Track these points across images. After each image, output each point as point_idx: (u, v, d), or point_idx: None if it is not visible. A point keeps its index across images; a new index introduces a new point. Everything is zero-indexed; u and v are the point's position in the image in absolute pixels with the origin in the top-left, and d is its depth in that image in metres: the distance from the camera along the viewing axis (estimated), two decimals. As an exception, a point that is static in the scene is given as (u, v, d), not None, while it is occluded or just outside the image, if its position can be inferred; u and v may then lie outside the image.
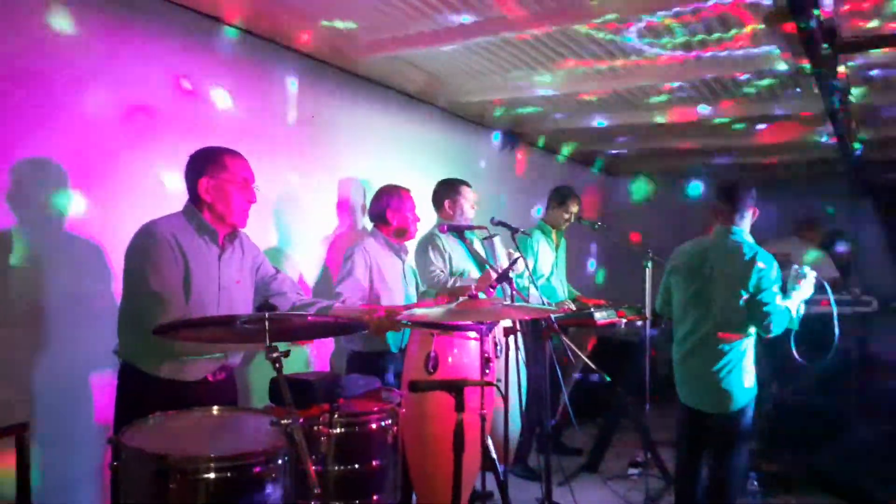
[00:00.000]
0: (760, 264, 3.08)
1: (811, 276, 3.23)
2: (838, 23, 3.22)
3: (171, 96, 3.11)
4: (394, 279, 3.52)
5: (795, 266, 3.25)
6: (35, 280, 2.63)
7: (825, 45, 3.17)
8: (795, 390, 4.58)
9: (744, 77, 4.27)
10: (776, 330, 3.10)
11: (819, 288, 3.28)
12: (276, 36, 3.51)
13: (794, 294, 3.19)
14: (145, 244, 2.29)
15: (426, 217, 4.06)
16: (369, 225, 3.73)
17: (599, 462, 4.72)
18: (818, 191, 7.36)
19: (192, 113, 3.19)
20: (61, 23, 2.67)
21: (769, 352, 4.05)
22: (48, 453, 2.55)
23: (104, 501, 2.76)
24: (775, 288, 3.10)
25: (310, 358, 3.93)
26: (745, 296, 3.09)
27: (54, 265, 2.68)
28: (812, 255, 5.44)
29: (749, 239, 3.22)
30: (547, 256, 4.71)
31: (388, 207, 3.56)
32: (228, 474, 1.83)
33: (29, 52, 2.58)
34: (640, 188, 8.42)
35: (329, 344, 3.99)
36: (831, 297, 3.36)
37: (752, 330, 3.19)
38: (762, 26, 3.35)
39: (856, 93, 4.39)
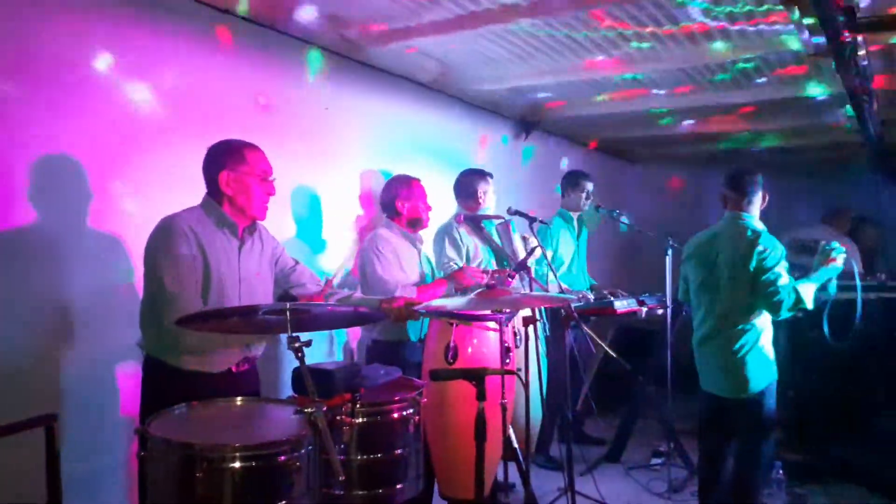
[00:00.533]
0: (761, 246, 3.12)
1: (840, 252, 3.21)
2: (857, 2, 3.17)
3: (186, 93, 3.12)
4: (411, 268, 3.53)
5: (823, 242, 3.23)
6: (59, 275, 2.65)
7: (844, 24, 3.12)
8: (820, 378, 4.52)
9: (760, 58, 4.21)
10: (783, 311, 3.10)
11: (847, 269, 3.25)
12: (289, 27, 3.51)
13: (819, 273, 3.18)
14: (163, 239, 2.31)
15: (443, 206, 4.06)
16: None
17: (622, 452, 4.70)
18: (841, 175, 7.25)
19: (211, 106, 3.20)
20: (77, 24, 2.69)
21: (792, 338, 4.02)
22: (76, 444, 2.58)
23: (131, 490, 2.80)
24: (781, 269, 3.09)
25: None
26: (745, 280, 3.13)
27: (77, 260, 2.71)
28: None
29: (758, 225, 3.25)
30: (568, 245, 4.69)
31: (397, 197, 3.58)
32: (254, 463, 1.85)
33: (49, 48, 2.60)
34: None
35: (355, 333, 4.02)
36: (858, 279, 3.35)
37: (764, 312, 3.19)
38: (780, 7, 3.30)
39: (876, 74, 4.32)
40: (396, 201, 3.57)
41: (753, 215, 3.29)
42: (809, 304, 3.11)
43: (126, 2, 2.86)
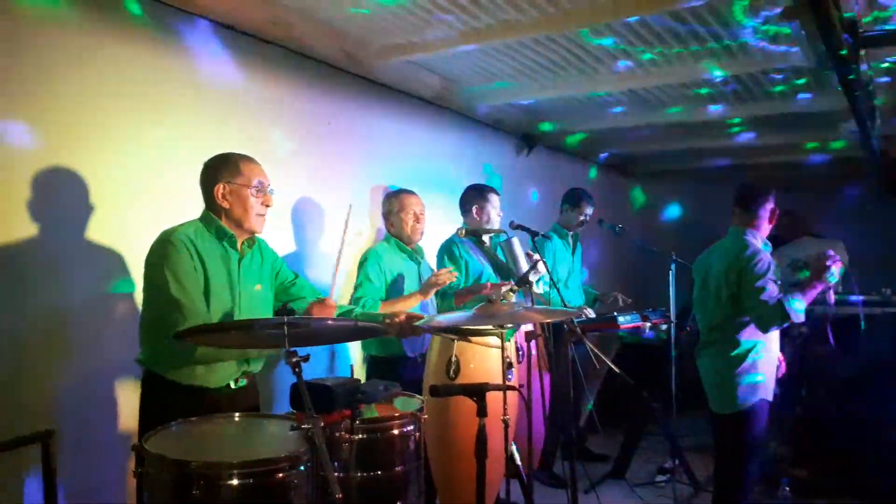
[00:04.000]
0: (747, 260, 3.10)
1: (832, 263, 3.14)
2: (860, 17, 3.17)
3: (191, 102, 3.13)
4: (408, 283, 3.52)
5: (819, 253, 3.19)
6: (58, 289, 2.65)
7: (846, 40, 3.11)
8: (826, 394, 4.48)
9: (763, 73, 4.21)
10: (769, 325, 3.07)
11: (844, 278, 3.22)
12: (290, 42, 3.52)
13: (812, 284, 3.11)
14: (165, 251, 2.29)
15: (445, 221, 4.06)
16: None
17: (626, 468, 4.65)
18: (843, 189, 7.24)
19: (211, 121, 3.21)
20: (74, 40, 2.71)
21: (798, 354, 3.98)
22: (74, 460, 2.56)
23: (129, 508, 2.78)
24: (767, 282, 3.05)
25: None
26: (729, 294, 3.14)
27: (77, 274, 2.71)
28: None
29: (755, 241, 3.22)
30: (564, 260, 4.67)
31: (389, 212, 3.59)
32: (251, 480, 1.82)
33: (52, 64, 2.62)
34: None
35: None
36: (856, 290, 3.33)
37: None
38: (783, 22, 3.31)
39: (878, 89, 4.32)
40: (391, 216, 3.59)
41: (758, 231, 3.27)
42: (797, 318, 3.03)
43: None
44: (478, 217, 3.91)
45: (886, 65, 3.99)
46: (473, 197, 3.96)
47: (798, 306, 3.03)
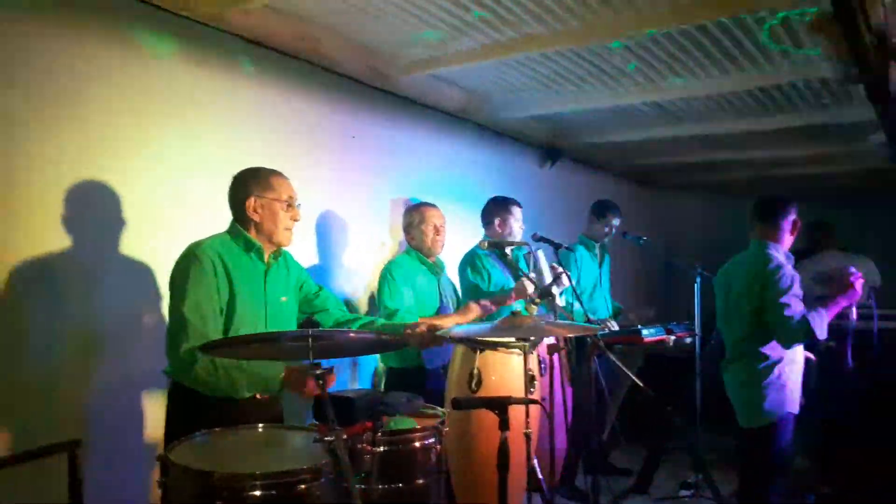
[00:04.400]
0: (771, 274, 3.07)
1: (857, 278, 3.10)
2: (889, 27, 3.14)
3: (221, 117, 3.18)
4: (428, 295, 3.53)
5: (842, 269, 3.14)
6: (89, 301, 2.70)
7: (875, 51, 3.08)
8: (851, 408, 4.40)
9: (790, 84, 4.18)
10: (792, 341, 3.05)
11: (867, 295, 3.17)
12: (314, 57, 3.57)
13: (834, 301, 3.08)
14: (188, 266, 2.33)
15: (468, 233, 4.06)
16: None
17: (649, 483, 4.59)
18: (871, 201, 7.13)
19: (239, 135, 3.26)
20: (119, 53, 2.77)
21: (821, 367, 3.92)
22: (100, 470, 2.60)
23: (154, 518, 2.81)
24: (790, 297, 3.01)
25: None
26: (752, 308, 3.12)
27: (108, 287, 2.76)
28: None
29: (779, 254, 3.18)
30: (590, 272, 4.65)
31: (410, 225, 3.61)
32: (273, 492, 1.83)
33: (94, 78, 2.68)
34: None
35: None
36: (874, 306, 3.29)
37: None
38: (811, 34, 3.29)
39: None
40: (411, 229, 3.60)
41: (780, 244, 3.24)
42: (821, 334, 2.99)
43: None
44: (500, 229, 3.91)
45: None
46: (496, 209, 3.97)
47: (821, 322, 2.99)
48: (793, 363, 3.17)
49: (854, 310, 3.21)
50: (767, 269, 3.08)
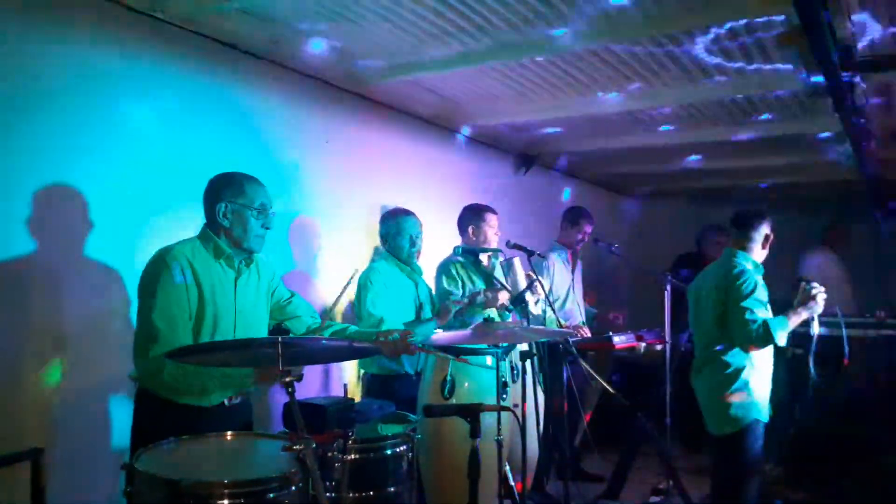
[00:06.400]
0: (728, 281, 3.16)
1: (819, 293, 3.18)
2: (854, 41, 3.21)
3: (186, 125, 3.15)
4: (405, 302, 3.52)
5: (804, 283, 3.22)
6: (54, 305, 2.65)
7: (841, 64, 3.15)
8: (823, 415, 4.47)
9: (759, 96, 4.25)
10: (746, 346, 3.12)
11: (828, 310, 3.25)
12: (288, 61, 3.55)
13: (795, 311, 3.16)
14: (157, 272, 2.30)
15: (442, 240, 4.06)
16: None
17: (620, 489, 4.62)
18: (840, 211, 7.26)
19: (215, 137, 3.22)
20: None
21: (789, 375, 3.98)
22: (64, 479, 2.55)
23: (120, 528, 2.75)
24: (751, 302, 3.08)
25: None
26: (716, 314, 3.19)
27: (74, 291, 2.71)
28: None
29: (745, 263, 3.24)
30: (563, 278, 4.68)
31: (388, 233, 3.60)
32: (242, 500, 1.82)
33: (60, 80, 2.64)
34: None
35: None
36: (840, 317, 3.38)
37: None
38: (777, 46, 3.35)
39: (874, 111, 4.35)
40: (389, 236, 3.60)
41: (750, 253, 3.30)
42: (779, 341, 3.07)
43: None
44: (474, 237, 3.92)
45: (881, 89, 4.02)
46: (470, 217, 3.97)
47: (782, 330, 3.07)
48: (758, 371, 3.21)
49: (815, 323, 3.27)
50: (731, 274, 3.17)
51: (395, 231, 3.59)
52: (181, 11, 2.93)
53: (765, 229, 3.31)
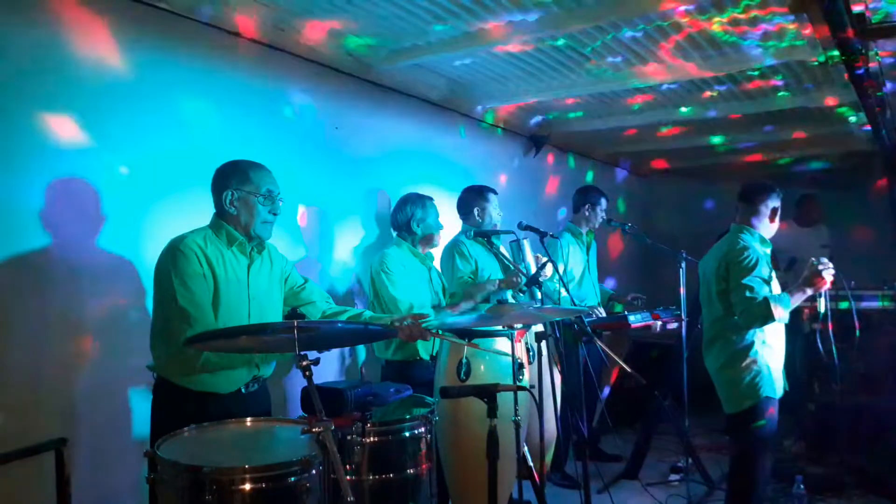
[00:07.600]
0: (731, 257, 3.11)
1: (825, 269, 3.08)
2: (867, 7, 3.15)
3: (202, 110, 3.15)
4: (421, 287, 3.52)
5: (812, 260, 3.14)
6: (72, 298, 2.67)
7: (854, 31, 3.09)
8: (840, 389, 4.44)
9: (770, 67, 4.19)
10: (747, 322, 3.07)
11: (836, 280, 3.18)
12: (295, 48, 3.53)
13: (801, 287, 3.09)
14: (174, 259, 2.31)
15: (453, 224, 4.05)
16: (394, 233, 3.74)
17: (639, 468, 4.63)
18: (854, 183, 7.18)
19: (218, 127, 3.22)
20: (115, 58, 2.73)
21: (807, 350, 3.95)
22: (87, 468, 2.58)
23: (143, 515, 2.79)
24: (754, 279, 3.03)
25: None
26: (720, 290, 3.15)
27: (90, 283, 2.72)
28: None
29: (751, 238, 3.20)
30: (577, 259, 4.66)
31: (412, 217, 3.59)
32: (263, 485, 1.83)
33: (66, 78, 2.64)
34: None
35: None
36: (848, 290, 3.34)
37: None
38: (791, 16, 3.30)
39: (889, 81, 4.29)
40: (412, 221, 3.59)
41: (758, 229, 3.25)
42: (780, 318, 3.02)
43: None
44: (480, 218, 3.91)
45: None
46: (475, 198, 3.96)
47: (783, 307, 3.01)
48: (768, 346, 3.16)
49: (824, 295, 3.23)
50: (734, 249, 3.12)
51: (422, 216, 3.59)
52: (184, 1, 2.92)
53: (772, 203, 3.26)
